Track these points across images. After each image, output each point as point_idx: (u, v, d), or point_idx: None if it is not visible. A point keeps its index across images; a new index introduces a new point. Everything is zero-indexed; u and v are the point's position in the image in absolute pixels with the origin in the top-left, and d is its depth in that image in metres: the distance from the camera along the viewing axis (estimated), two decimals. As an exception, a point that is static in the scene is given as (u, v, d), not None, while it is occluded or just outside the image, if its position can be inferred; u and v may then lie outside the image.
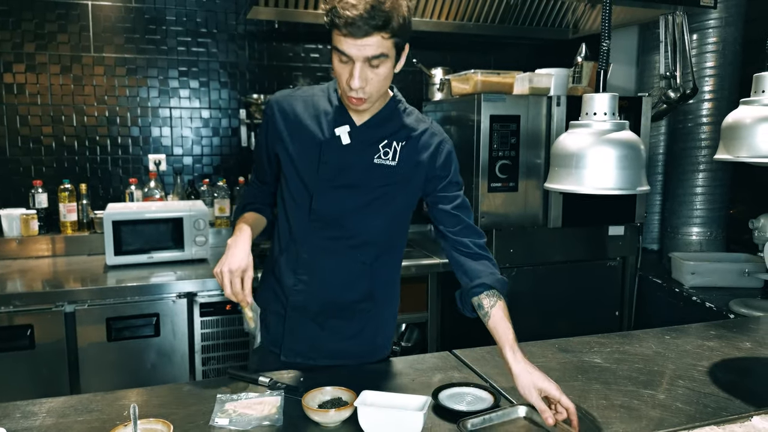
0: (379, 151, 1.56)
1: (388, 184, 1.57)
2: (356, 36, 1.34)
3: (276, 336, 1.66)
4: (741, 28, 2.95)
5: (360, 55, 1.37)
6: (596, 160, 1.35)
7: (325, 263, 1.60)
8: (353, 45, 1.36)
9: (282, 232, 1.66)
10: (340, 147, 1.55)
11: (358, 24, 1.33)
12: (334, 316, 1.64)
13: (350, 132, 1.55)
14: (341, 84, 1.44)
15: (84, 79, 3.05)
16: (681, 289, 2.77)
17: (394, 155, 1.57)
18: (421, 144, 1.59)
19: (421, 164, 1.58)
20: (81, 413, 1.36)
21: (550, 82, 2.80)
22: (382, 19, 1.34)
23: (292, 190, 1.60)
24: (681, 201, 3.08)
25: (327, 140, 1.55)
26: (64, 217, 2.94)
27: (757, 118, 1.44)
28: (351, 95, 1.44)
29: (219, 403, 1.39)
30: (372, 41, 1.36)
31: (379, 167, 1.56)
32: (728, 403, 1.43)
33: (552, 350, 1.76)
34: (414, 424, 1.22)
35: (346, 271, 1.62)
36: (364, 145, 1.56)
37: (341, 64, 1.41)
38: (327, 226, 1.58)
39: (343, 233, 1.59)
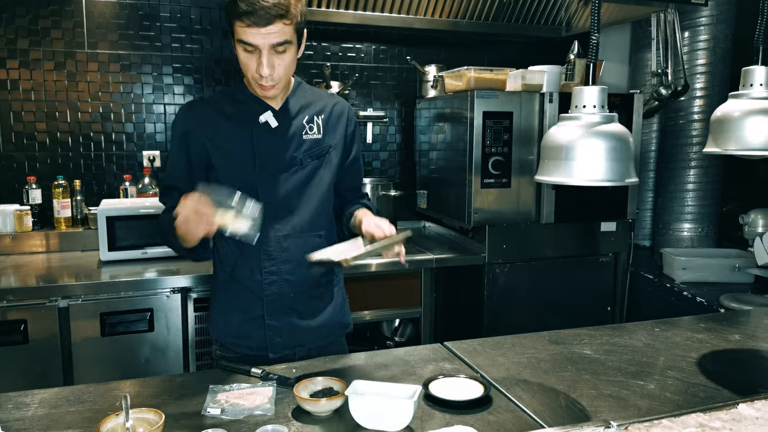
0: (305, 126, 1.67)
1: (320, 156, 1.68)
2: (259, 25, 1.41)
3: (259, 340, 1.68)
4: (732, 26, 2.97)
5: (266, 43, 1.45)
6: (585, 152, 1.36)
7: (286, 248, 1.66)
8: (257, 34, 1.43)
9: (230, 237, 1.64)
10: (269, 131, 1.63)
11: (259, 14, 1.40)
12: (307, 296, 1.71)
13: (275, 115, 1.63)
14: (249, 73, 1.52)
15: (78, 76, 3.05)
16: (672, 285, 2.80)
17: (318, 129, 1.68)
18: (335, 114, 1.73)
19: (339, 133, 1.73)
20: (73, 404, 1.37)
21: (542, 79, 2.82)
22: (283, 7, 1.42)
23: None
24: (673, 197, 3.11)
25: (256, 129, 1.62)
26: (58, 213, 2.94)
27: (746, 111, 1.46)
28: (261, 83, 1.52)
29: (211, 394, 1.40)
30: (275, 29, 1.43)
31: (309, 141, 1.67)
32: (716, 392, 1.44)
33: (543, 342, 1.77)
34: (404, 412, 1.23)
35: (308, 247, 1.65)
36: (292, 124, 1.65)
37: (247, 54, 1.48)
38: (277, 211, 1.64)
39: (294, 213, 1.66)
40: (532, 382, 1.50)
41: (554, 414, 1.33)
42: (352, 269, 2.70)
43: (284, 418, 1.31)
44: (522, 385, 1.48)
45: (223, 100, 1.66)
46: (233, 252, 1.69)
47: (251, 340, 1.70)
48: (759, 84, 1.47)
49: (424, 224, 3.59)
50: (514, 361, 1.63)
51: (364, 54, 3.52)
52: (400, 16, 3.20)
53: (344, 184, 1.80)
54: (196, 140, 1.63)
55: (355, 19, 3.15)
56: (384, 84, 3.57)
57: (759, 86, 1.47)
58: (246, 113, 1.63)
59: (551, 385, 1.48)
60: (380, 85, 3.56)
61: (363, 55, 3.52)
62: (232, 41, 1.51)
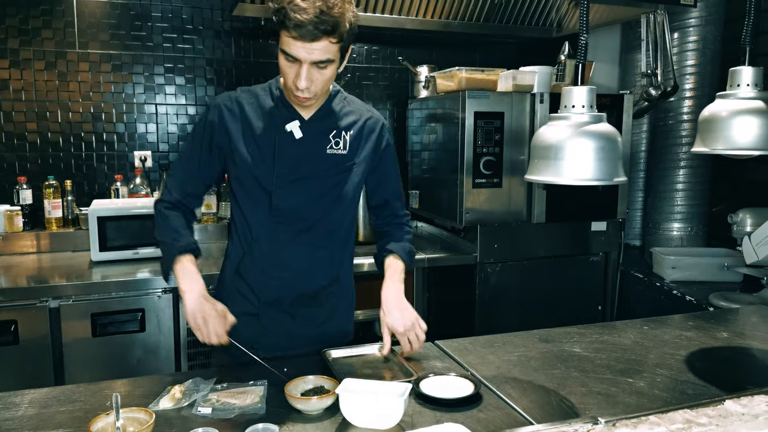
0: (330, 141, 1.64)
1: (342, 172, 1.66)
2: (305, 39, 1.39)
3: (250, 336, 1.66)
4: (720, 27, 3.00)
5: (308, 57, 1.43)
6: (574, 152, 1.37)
7: (292, 256, 1.66)
8: (302, 48, 1.41)
9: (242, 233, 1.68)
10: (293, 141, 1.61)
11: (307, 28, 1.38)
12: (305, 305, 1.70)
13: (301, 126, 1.61)
14: (287, 82, 1.50)
15: (69, 75, 3.04)
16: (662, 284, 2.82)
17: (344, 144, 1.65)
18: (367, 130, 1.70)
19: (367, 149, 1.70)
20: (63, 404, 1.37)
21: (533, 80, 2.83)
22: (331, 24, 1.39)
23: (249, 190, 1.63)
24: (662, 197, 3.13)
25: (279, 136, 1.60)
26: (48, 213, 2.93)
27: (733, 111, 1.48)
28: (297, 94, 1.50)
29: (202, 392, 1.40)
30: (320, 45, 1.41)
31: (332, 157, 1.64)
32: (704, 389, 1.46)
33: (533, 340, 1.78)
34: (395, 410, 1.24)
35: (313, 259, 1.68)
36: (316, 137, 1.62)
37: (288, 64, 1.46)
38: (289, 219, 1.64)
39: (306, 225, 1.65)
40: (522, 380, 1.51)
41: (543, 411, 1.34)
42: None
43: (275, 416, 1.31)
44: (512, 383, 1.49)
45: (253, 99, 1.64)
46: (239, 249, 1.70)
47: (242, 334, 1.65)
48: (746, 84, 1.49)
49: (416, 224, 3.59)
50: (505, 360, 1.64)
51: (356, 54, 3.53)
52: (392, 16, 3.20)
53: (376, 200, 1.80)
54: (222, 134, 1.62)
55: (347, 19, 3.15)
56: (376, 84, 3.58)
57: (746, 86, 1.49)
58: (274, 117, 1.61)
59: (541, 382, 1.49)
60: (372, 85, 3.57)
61: (355, 55, 3.53)
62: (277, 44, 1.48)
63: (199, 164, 1.65)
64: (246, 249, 1.68)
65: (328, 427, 1.27)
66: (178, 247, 1.59)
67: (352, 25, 1.46)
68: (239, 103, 1.63)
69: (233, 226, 1.71)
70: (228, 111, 1.62)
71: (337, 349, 1.66)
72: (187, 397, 1.38)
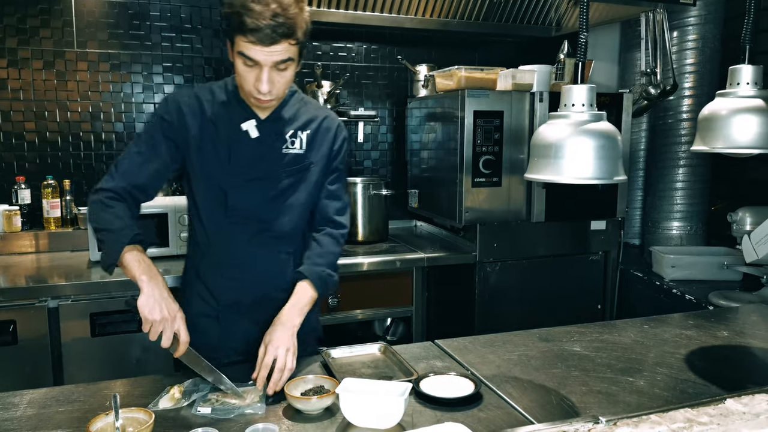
0: (286, 141, 1.62)
1: (299, 172, 1.64)
2: (264, 43, 1.37)
3: (209, 339, 1.64)
4: (720, 26, 3.00)
5: (268, 60, 1.41)
6: (574, 150, 1.37)
7: (250, 258, 1.63)
8: (261, 51, 1.39)
9: (199, 236, 1.66)
10: (249, 141, 1.58)
11: (265, 32, 1.36)
12: (265, 307, 1.63)
13: (257, 125, 1.59)
14: (246, 86, 1.47)
15: (67, 75, 3.03)
16: (662, 282, 2.82)
17: (301, 144, 1.63)
18: (323, 130, 1.67)
19: (324, 149, 1.67)
20: (62, 404, 1.37)
21: (533, 79, 2.83)
22: (288, 27, 1.38)
23: (204, 190, 1.61)
24: (662, 196, 3.13)
25: (235, 136, 1.58)
26: (47, 213, 2.92)
27: (733, 109, 1.47)
28: (259, 97, 1.47)
29: (201, 392, 1.40)
30: (279, 48, 1.40)
31: (289, 156, 1.62)
32: (704, 388, 1.46)
33: (533, 340, 1.78)
34: (395, 409, 1.23)
35: (272, 262, 1.66)
36: (273, 137, 1.60)
37: (247, 68, 1.44)
38: (245, 220, 1.61)
39: (263, 226, 1.63)
40: (522, 379, 1.51)
41: (544, 410, 1.34)
42: (344, 270, 2.70)
43: (275, 416, 1.31)
44: (512, 382, 1.49)
45: (210, 96, 1.60)
46: (198, 251, 1.67)
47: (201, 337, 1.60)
48: (746, 83, 1.48)
49: (415, 223, 3.59)
50: (505, 359, 1.64)
51: (356, 53, 3.53)
52: (392, 15, 3.20)
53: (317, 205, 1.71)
54: (177, 130, 1.57)
55: (347, 18, 3.15)
56: (375, 83, 3.57)
57: (746, 85, 1.48)
58: (231, 116, 1.58)
59: (541, 382, 1.49)
60: (371, 84, 3.56)
61: (354, 54, 3.52)
62: (230, 50, 1.47)
63: (150, 157, 1.57)
64: (204, 250, 1.65)
65: (329, 427, 1.26)
66: (128, 234, 1.47)
67: (308, 24, 1.46)
68: (198, 99, 1.59)
69: (192, 227, 1.68)
70: (187, 107, 1.58)
71: (336, 349, 1.66)
72: (186, 397, 1.38)
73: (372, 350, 1.68)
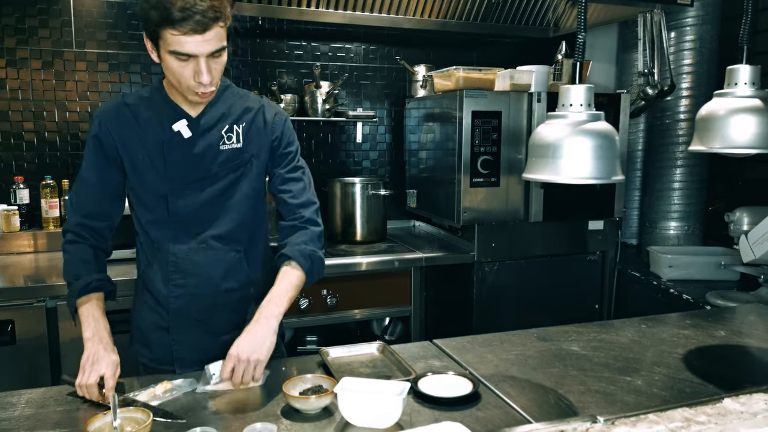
0: (223, 137, 1.56)
1: (240, 167, 1.58)
2: (197, 32, 1.33)
3: (163, 352, 1.63)
4: (717, 26, 3.00)
5: (204, 51, 1.36)
6: (572, 150, 1.38)
7: (197, 262, 1.58)
8: (194, 42, 1.34)
9: (144, 245, 1.63)
10: (182, 142, 1.53)
11: (196, 19, 1.31)
12: (217, 311, 1.62)
13: (189, 125, 1.54)
14: (184, 82, 1.42)
15: (66, 75, 3.03)
16: (659, 282, 2.82)
17: (237, 137, 1.57)
18: (260, 120, 1.61)
19: (263, 139, 1.61)
20: (60, 403, 1.37)
21: (530, 79, 2.83)
22: (217, 9, 1.34)
23: (145, 200, 1.57)
24: (659, 196, 3.13)
25: (168, 139, 1.53)
26: (46, 213, 2.92)
27: (730, 109, 1.48)
28: (201, 90, 1.43)
29: (205, 374, 1.44)
30: (212, 35, 1.35)
31: (226, 152, 1.56)
32: (702, 388, 1.46)
33: (531, 339, 1.78)
34: (393, 409, 1.23)
35: (221, 262, 1.60)
36: (207, 134, 1.55)
37: (182, 64, 1.38)
38: (189, 224, 1.57)
39: (207, 226, 1.58)
40: (520, 378, 1.51)
41: (542, 410, 1.34)
42: (343, 269, 2.71)
43: (273, 416, 1.31)
44: (510, 381, 1.49)
45: (139, 103, 1.56)
46: (144, 260, 1.64)
47: (156, 351, 1.64)
48: (743, 83, 1.49)
49: (413, 223, 3.59)
50: (503, 358, 1.64)
51: (354, 54, 3.53)
52: (390, 16, 3.21)
53: (279, 197, 1.67)
54: (110, 145, 1.54)
55: (345, 19, 3.15)
56: (374, 84, 3.57)
57: (743, 85, 1.49)
58: (161, 119, 1.54)
59: (539, 381, 1.49)
60: (370, 84, 3.57)
61: (353, 54, 3.52)
62: (153, 51, 1.41)
63: (96, 182, 1.56)
64: (150, 259, 1.61)
65: (327, 426, 1.27)
66: (76, 289, 1.50)
67: (232, 5, 1.42)
68: (122, 110, 1.55)
69: (136, 236, 1.64)
70: (111, 119, 1.54)
71: (335, 348, 1.66)
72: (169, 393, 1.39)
73: (370, 350, 1.68)
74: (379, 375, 1.52)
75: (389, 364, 1.60)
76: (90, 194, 1.57)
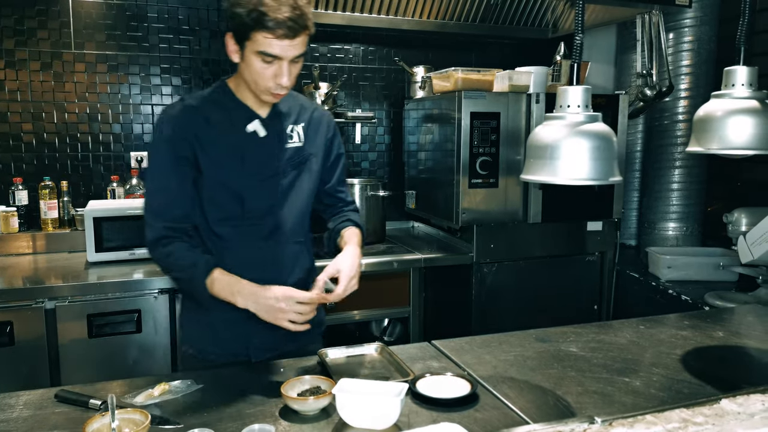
0: (288, 135, 1.68)
1: (301, 163, 1.70)
2: (288, 37, 1.44)
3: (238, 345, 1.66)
4: (715, 27, 3.01)
5: (290, 55, 1.48)
6: (570, 151, 1.38)
7: (267, 254, 1.66)
8: (283, 46, 1.45)
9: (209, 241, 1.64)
10: (257, 141, 1.63)
11: (288, 24, 1.42)
12: None
13: (263, 124, 1.63)
14: (263, 83, 1.51)
15: (65, 76, 3.03)
16: (658, 283, 2.82)
17: (298, 136, 1.69)
18: (315, 120, 1.74)
19: (319, 139, 1.74)
20: (58, 405, 1.37)
21: (529, 80, 2.84)
22: (305, 18, 1.46)
23: (218, 198, 1.61)
24: (658, 197, 3.14)
25: (244, 138, 1.61)
26: (44, 214, 2.92)
27: (728, 111, 1.48)
28: (278, 92, 1.53)
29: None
30: (299, 40, 1.47)
31: (290, 150, 1.68)
32: (700, 388, 1.46)
33: (529, 340, 1.79)
34: (391, 410, 1.24)
35: (288, 255, 1.70)
36: (276, 134, 1.66)
37: (265, 65, 1.48)
38: (259, 219, 1.64)
39: (275, 221, 1.66)
40: (518, 379, 1.51)
41: (540, 411, 1.34)
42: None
43: (271, 417, 1.31)
44: (508, 382, 1.49)
45: (207, 105, 1.61)
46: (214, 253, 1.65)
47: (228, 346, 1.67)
48: (741, 84, 1.49)
49: (412, 224, 3.60)
50: (501, 359, 1.64)
51: (353, 55, 3.53)
52: (389, 17, 3.21)
53: (327, 190, 1.81)
54: (185, 147, 1.57)
55: (344, 20, 3.16)
56: (372, 85, 3.58)
57: (741, 86, 1.49)
58: (233, 120, 1.61)
59: (537, 382, 1.49)
60: (369, 85, 3.57)
61: (351, 56, 3.53)
62: (236, 50, 1.50)
63: (176, 183, 1.58)
64: (219, 255, 1.63)
65: (325, 428, 1.27)
66: (198, 274, 1.55)
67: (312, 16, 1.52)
68: (190, 111, 1.59)
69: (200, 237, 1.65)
70: (184, 123, 1.57)
71: (333, 349, 1.66)
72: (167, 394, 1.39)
73: (369, 351, 1.68)
74: (377, 376, 1.52)
75: (387, 365, 1.60)
76: (170, 199, 1.59)
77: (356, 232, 1.76)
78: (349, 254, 1.63)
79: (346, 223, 1.78)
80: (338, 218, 1.82)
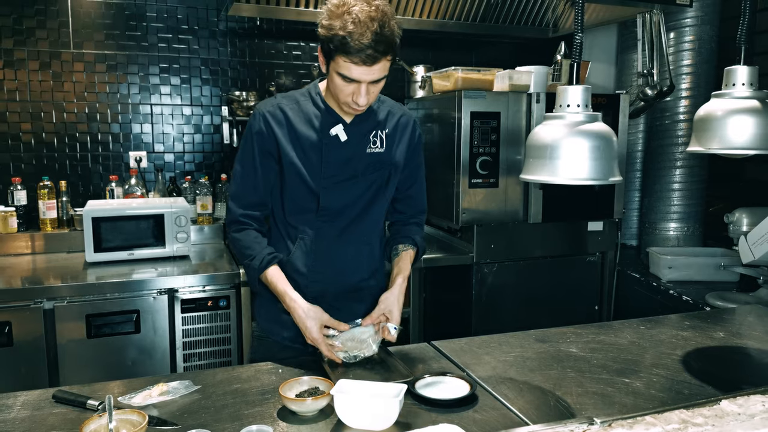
0: (369, 141, 1.69)
1: (380, 169, 1.72)
2: (368, 64, 1.45)
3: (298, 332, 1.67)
4: (716, 27, 3.00)
5: (368, 78, 1.50)
6: (569, 151, 1.37)
7: (337, 252, 1.72)
8: (362, 71, 1.47)
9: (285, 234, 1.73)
10: (338, 144, 1.66)
11: (367, 53, 1.43)
12: (348, 298, 1.75)
13: (345, 129, 1.66)
14: (342, 98, 1.55)
15: (63, 76, 3.03)
16: (659, 283, 2.81)
17: (381, 143, 1.71)
18: (400, 127, 1.76)
19: (402, 146, 1.76)
20: (56, 405, 1.36)
21: (529, 80, 2.83)
22: (388, 44, 1.46)
23: (295, 195, 1.68)
24: (659, 197, 3.13)
25: (326, 140, 1.65)
26: (43, 214, 2.92)
27: (728, 110, 1.47)
28: (354, 108, 1.57)
29: None
30: (379, 66, 1.48)
31: (372, 156, 1.70)
32: (700, 389, 1.45)
33: (529, 341, 1.78)
34: (390, 411, 1.23)
35: (357, 254, 1.75)
36: (358, 139, 1.68)
37: (344, 83, 1.51)
38: (333, 218, 1.69)
39: (348, 222, 1.71)
40: (518, 380, 1.50)
41: (539, 412, 1.33)
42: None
43: (270, 418, 1.30)
44: (508, 383, 1.48)
45: (297, 106, 1.68)
46: (287, 249, 1.72)
47: (292, 329, 1.69)
48: (741, 83, 1.48)
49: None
50: (501, 360, 1.63)
51: (353, 54, 3.52)
52: (388, 16, 3.20)
53: (401, 196, 1.84)
54: (271, 142, 1.65)
55: (343, 19, 3.14)
56: (372, 84, 3.56)
57: (741, 85, 1.48)
58: (319, 122, 1.66)
59: (537, 383, 1.49)
60: (368, 85, 3.56)
61: (351, 55, 3.51)
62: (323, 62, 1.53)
63: (259, 173, 1.67)
64: (291, 249, 1.72)
65: (323, 429, 1.26)
66: (255, 266, 1.65)
67: (400, 36, 1.51)
68: (282, 109, 1.66)
69: (275, 227, 1.75)
70: (272, 117, 1.65)
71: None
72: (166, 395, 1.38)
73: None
74: (376, 377, 1.52)
75: (387, 365, 1.59)
76: (250, 186, 1.69)
77: (410, 256, 1.79)
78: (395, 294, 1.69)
79: (405, 241, 1.81)
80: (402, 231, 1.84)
